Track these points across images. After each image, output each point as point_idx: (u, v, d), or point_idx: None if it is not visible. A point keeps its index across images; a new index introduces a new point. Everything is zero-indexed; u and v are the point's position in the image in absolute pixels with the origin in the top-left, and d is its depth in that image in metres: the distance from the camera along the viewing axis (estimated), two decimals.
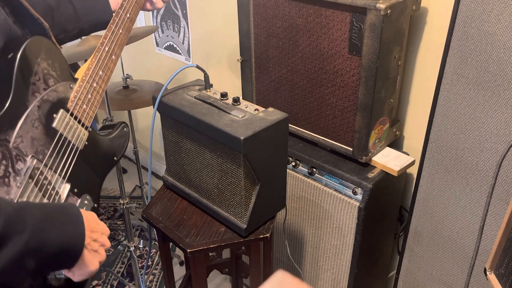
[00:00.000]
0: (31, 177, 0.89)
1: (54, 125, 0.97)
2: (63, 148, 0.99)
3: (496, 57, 1.22)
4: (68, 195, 0.99)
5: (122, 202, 2.04)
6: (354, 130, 1.54)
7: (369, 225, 1.60)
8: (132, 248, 2.12)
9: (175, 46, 2.56)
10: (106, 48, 1.12)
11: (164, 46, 2.62)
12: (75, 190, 1.02)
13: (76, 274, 0.82)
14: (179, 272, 2.37)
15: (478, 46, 1.25)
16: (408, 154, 1.65)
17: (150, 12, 2.58)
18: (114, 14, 1.16)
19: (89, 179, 1.07)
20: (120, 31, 1.16)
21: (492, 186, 1.22)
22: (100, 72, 1.10)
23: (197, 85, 1.45)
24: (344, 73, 1.50)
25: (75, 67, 3.33)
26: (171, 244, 1.52)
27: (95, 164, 1.10)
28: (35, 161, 0.91)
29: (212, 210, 1.40)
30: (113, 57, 1.15)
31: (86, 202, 1.05)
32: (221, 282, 2.31)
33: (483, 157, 1.34)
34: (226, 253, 1.92)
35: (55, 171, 0.96)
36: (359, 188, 1.54)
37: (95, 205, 1.08)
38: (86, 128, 1.06)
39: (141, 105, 2.06)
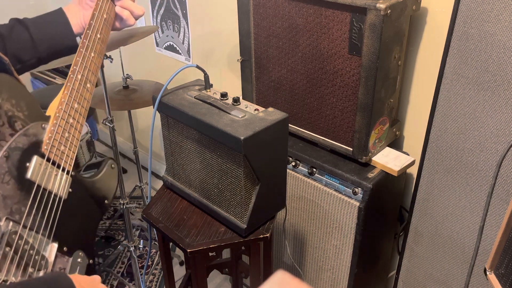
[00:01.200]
0: (8, 244, 0.76)
1: (28, 176, 0.83)
2: (44, 202, 0.85)
3: (496, 57, 1.22)
4: (56, 257, 0.86)
5: (122, 202, 2.04)
6: (354, 130, 1.54)
7: (369, 225, 1.60)
8: (132, 248, 2.12)
9: (175, 46, 2.56)
10: (79, 76, 0.97)
11: (164, 46, 2.62)
12: (65, 248, 0.88)
13: None
14: (179, 272, 2.37)
15: (478, 46, 1.25)
16: (408, 154, 1.65)
17: (150, 12, 2.58)
18: (82, 36, 1.01)
19: (79, 232, 0.94)
20: (92, 54, 1.01)
21: (492, 186, 1.22)
22: (76, 105, 0.94)
23: (197, 85, 1.45)
24: (344, 73, 1.50)
25: None
26: (171, 244, 1.52)
27: (84, 213, 0.96)
28: (10, 224, 0.78)
29: (212, 210, 1.40)
30: (88, 85, 1.00)
31: (79, 260, 0.92)
32: (221, 282, 2.31)
33: (483, 157, 1.34)
34: (226, 253, 1.93)
35: (37, 231, 0.83)
36: (359, 188, 1.54)
37: (91, 261, 0.95)
38: (68, 172, 0.91)
39: (141, 105, 2.06)
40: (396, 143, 1.74)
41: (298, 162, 1.71)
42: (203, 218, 1.42)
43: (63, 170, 0.90)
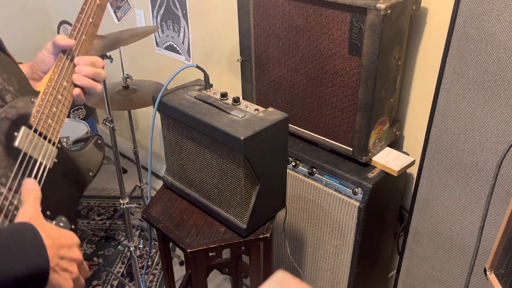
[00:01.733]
0: None
1: (16, 144, 0.89)
2: (29, 168, 0.91)
3: (496, 57, 1.22)
4: None
5: (122, 202, 2.04)
6: (354, 130, 1.54)
7: (369, 225, 1.60)
8: (132, 248, 2.12)
9: (175, 46, 2.56)
10: (69, 57, 1.03)
11: (164, 46, 2.62)
12: (48, 212, 0.93)
13: None
14: (179, 272, 2.37)
15: (478, 46, 1.25)
16: (408, 154, 1.65)
17: (150, 12, 2.58)
18: (75, 20, 1.05)
19: (63, 199, 0.99)
20: (84, 37, 1.06)
21: (492, 186, 1.22)
22: (65, 83, 1.00)
23: (197, 85, 1.45)
24: (344, 73, 1.50)
25: None
26: (171, 244, 1.52)
27: (68, 182, 1.02)
28: None
29: (212, 210, 1.40)
30: None
31: (61, 224, 0.96)
32: (221, 282, 2.31)
33: (483, 157, 1.34)
34: (226, 253, 1.93)
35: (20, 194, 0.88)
36: (359, 188, 1.54)
37: (72, 226, 0.99)
38: (54, 144, 0.97)
39: (141, 105, 2.06)
40: (396, 143, 1.74)
41: (298, 162, 1.71)
42: (203, 218, 1.42)
43: (49, 141, 0.96)
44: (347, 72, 1.49)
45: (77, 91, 1.02)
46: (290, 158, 1.72)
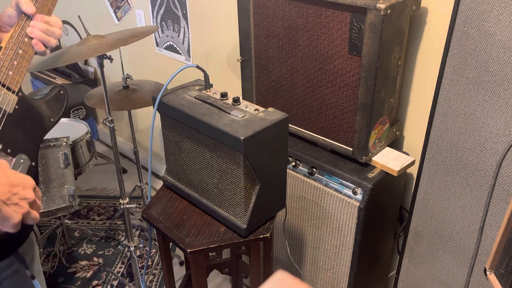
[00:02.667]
0: None
1: None
2: None
3: (496, 57, 1.22)
4: (0, 156, 1.03)
5: (122, 202, 2.04)
6: (354, 130, 1.54)
7: (369, 225, 1.60)
8: (132, 248, 2.12)
9: (175, 46, 2.56)
10: (31, 17, 1.12)
11: (164, 46, 2.62)
12: (8, 150, 1.06)
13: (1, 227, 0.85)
14: (179, 272, 2.37)
15: (478, 46, 1.25)
16: (408, 154, 1.65)
17: (150, 12, 2.58)
18: None
19: (24, 140, 1.11)
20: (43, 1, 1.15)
21: (492, 186, 1.22)
22: (25, 39, 1.10)
23: (197, 85, 1.45)
24: (344, 73, 1.50)
25: (75, 67, 3.30)
26: (171, 244, 1.52)
27: (29, 126, 1.13)
28: None
29: (212, 210, 1.40)
30: None
31: (21, 161, 1.09)
32: (221, 282, 2.31)
33: (483, 157, 1.34)
34: (226, 253, 1.92)
35: None
36: (359, 188, 1.54)
37: (33, 163, 1.11)
38: (14, 92, 1.08)
39: (141, 105, 2.06)
40: (396, 143, 1.74)
41: (298, 162, 1.71)
42: (203, 218, 1.42)
43: (9, 89, 1.08)
44: (347, 72, 1.49)
45: (34, 40, 1.11)
46: (290, 158, 1.72)
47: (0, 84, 1.06)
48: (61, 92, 1.25)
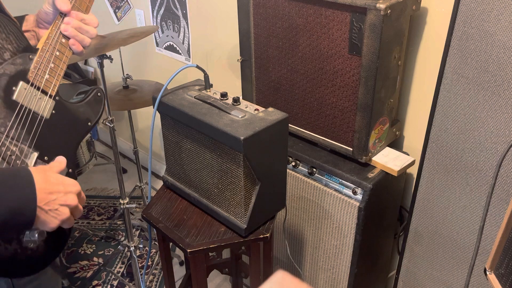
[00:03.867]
0: None
1: (14, 97, 0.97)
2: (24, 118, 0.99)
3: (496, 57, 1.22)
4: (36, 163, 1.01)
5: (122, 202, 2.04)
6: (354, 130, 1.54)
7: (369, 225, 1.60)
8: (132, 248, 2.12)
9: (175, 46, 2.56)
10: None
11: (164, 46, 2.62)
12: (46, 157, 1.03)
13: (41, 229, 0.86)
14: (179, 272, 2.38)
15: (478, 46, 1.25)
16: (408, 154, 1.65)
17: (150, 12, 2.58)
18: None
19: (61, 146, 1.08)
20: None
21: (492, 186, 1.22)
22: (63, 40, 1.07)
23: (197, 85, 1.45)
24: (344, 73, 1.50)
25: (75, 67, 3.31)
26: (171, 244, 1.52)
27: (66, 131, 1.10)
28: None
29: (212, 210, 1.40)
30: None
31: None
32: (221, 282, 2.31)
33: (483, 157, 1.34)
34: (226, 253, 1.93)
35: (18, 141, 0.98)
36: (359, 188, 1.54)
37: (70, 170, 1.08)
38: (51, 96, 1.05)
39: (141, 105, 2.06)
40: (396, 143, 1.74)
41: (298, 162, 1.71)
42: (203, 218, 1.42)
43: (47, 94, 1.04)
44: (347, 72, 1.49)
45: (71, 40, 1.08)
46: (290, 158, 1.72)
47: (36, 88, 1.02)
48: (99, 94, 1.21)
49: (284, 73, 1.69)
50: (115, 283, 2.33)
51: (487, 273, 1.10)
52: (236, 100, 1.32)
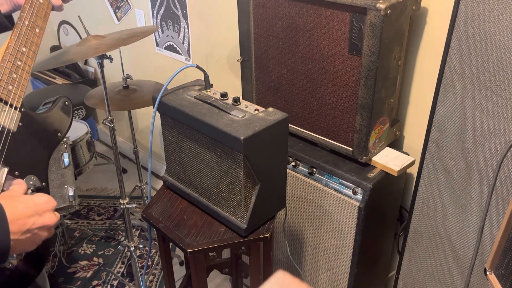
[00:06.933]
0: None
1: None
2: None
3: (496, 57, 1.22)
4: (7, 179, 0.96)
5: (122, 202, 2.04)
6: (354, 130, 1.54)
7: (369, 225, 1.60)
8: (132, 248, 2.12)
9: (175, 46, 2.56)
10: (26, 22, 1.05)
11: (164, 46, 2.62)
12: (16, 172, 0.99)
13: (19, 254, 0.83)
14: (179, 272, 2.37)
15: (478, 46, 1.25)
16: (408, 154, 1.65)
17: (150, 12, 2.58)
18: None
19: (31, 159, 1.03)
20: (41, 1, 1.08)
21: (492, 186, 1.22)
22: (23, 49, 1.03)
23: (197, 85, 1.45)
24: (344, 73, 1.50)
25: (75, 67, 3.30)
26: (171, 244, 1.52)
27: (35, 143, 1.06)
28: None
29: (212, 210, 1.40)
30: (37, 30, 1.08)
31: (31, 182, 1.02)
32: (221, 282, 2.31)
33: (483, 157, 1.34)
34: (226, 253, 1.93)
35: None
36: (359, 188, 1.54)
37: (43, 183, 1.04)
38: (16, 108, 1.00)
39: (141, 105, 2.06)
40: (396, 143, 1.74)
41: (298, 162, 1.71)
42: (203, 218, 1.42)
43: (11, 106, 0.99)
44: (347, 72, 1.49)
45: None
46: (290, 158, 1.72)
47: (2, 102, 0.98)
48: (66, 103, 1.17)
49: (284, 73, 1.69)
50: (115, 283, 2.33)
51: (487, 273, 1.10)
52: (236, 100, 1.32)
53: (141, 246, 2.45)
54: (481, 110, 1.30)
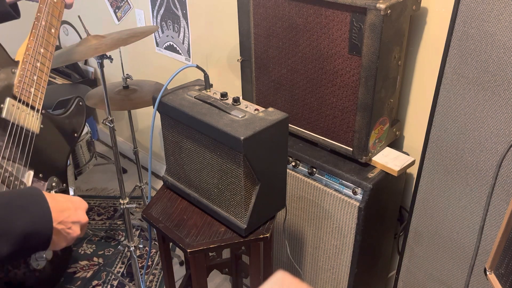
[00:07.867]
0: None
1: (3, 115, 0.94)
2: (17, 137, 0.96)
3: (496, 57, 1.22)
4: (33, 182, 0.97)
5: (122, 202, 2.04)
6: (354, 130, 1.54)
7: (369, 225, 1.60)
8: (132, 248, 2.12)
9: (175, 46, 2.56)
10: (43, 23, 1.05)
11: (164, 46, 2.62)
12: (40, 175, 1.00)
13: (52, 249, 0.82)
14: (179, 272, 2.37)
15: (478, 46, 1.25)
16: (408, 154, 1.65)
17: (150, 12, 2.58)
18: None
19: (52, 161, 1.05)
20: (55, 0, 1.08)
21: (492, 186, 1.22)
22: (42, 50, 1.03)
23: (197, 85, 1.45)
24: (344, 73, 1.50)
25: (75, 67, 3.31)
26: (171, 244, 1.52)
27: (56, 145, 1.07)
28: None
29: (212, 210, 1.40)
30: (52, 30, 1.08)
31: (53, 184, 1.04)
32: (221, 282, 2.31)
33: (483, 157, 1.34)
34: (226, 253, 1.92)
35: (14, 161, 0.94)
36: (359, 188, 1.54)
37: (64, 185, 1.06)
38: (38, 111, 1.01)
39: (141, 105, 2.06)
40: (396, 143, 1.74)
41: (298, 162, 1.71)
42: (203, 218, 1.42)
43: (33, 109, 1.01)
44: (347, 72, 1.49)
45: None
46: (290, 158, 1.72)
47: (24, 104, 0.97)
48: (80, 103, 1.18)
49: (284, 73, 1.69)
50: (115, 283, 2.33)
51: (487, 273, 1.10)
52: (236, 100, 1.32)
53: (141, 246, 2.44)
54: (481, 110, 1.30)
